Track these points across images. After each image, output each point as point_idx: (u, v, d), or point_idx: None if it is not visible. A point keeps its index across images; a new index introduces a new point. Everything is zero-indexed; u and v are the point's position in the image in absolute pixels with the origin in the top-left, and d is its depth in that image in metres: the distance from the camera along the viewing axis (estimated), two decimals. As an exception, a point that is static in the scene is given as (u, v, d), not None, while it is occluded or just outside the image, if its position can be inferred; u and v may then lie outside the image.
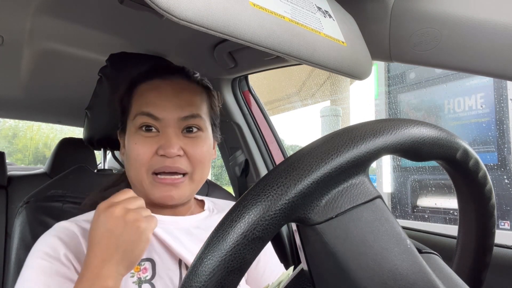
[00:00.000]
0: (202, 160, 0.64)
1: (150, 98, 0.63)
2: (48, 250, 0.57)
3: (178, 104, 0.62)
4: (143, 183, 0.62)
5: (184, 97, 0.64)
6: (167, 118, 0.61)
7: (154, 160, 0.61)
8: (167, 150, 0.60)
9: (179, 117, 0.62)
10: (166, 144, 0.60)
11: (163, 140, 0.61)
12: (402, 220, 3.12)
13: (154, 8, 0.32)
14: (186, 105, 0.63)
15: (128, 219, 0.50)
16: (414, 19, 0.58)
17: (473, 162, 0.35)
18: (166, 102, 0.62)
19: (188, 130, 0.63)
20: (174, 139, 0.61)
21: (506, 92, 2.60)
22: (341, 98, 4.89)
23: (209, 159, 0.67)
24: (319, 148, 0.29)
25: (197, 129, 0.64)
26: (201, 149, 0.64)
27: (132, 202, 0.53)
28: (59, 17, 0.90)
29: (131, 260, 0.50)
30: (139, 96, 0.65)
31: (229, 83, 1.33)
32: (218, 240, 0.26)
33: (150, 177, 0.62)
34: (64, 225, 0.62)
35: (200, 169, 0.64)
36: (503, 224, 2.54)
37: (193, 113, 0.63)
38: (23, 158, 8.31)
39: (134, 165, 0.62)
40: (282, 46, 0.43)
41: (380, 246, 0.28)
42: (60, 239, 0.59)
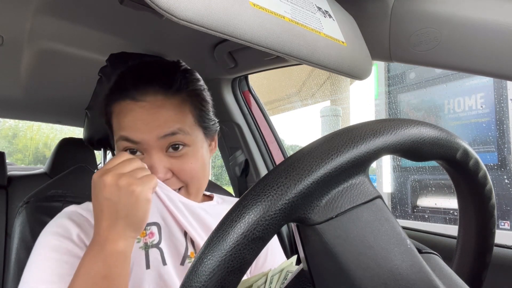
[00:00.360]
0: (194, 175, 0.62)
1: (125, 122, 0.59)
2: (60, 230, 0.58)
3: (155, 125, 0.58)
4: None
5: (161, 116, 0.59)
6: (146, 140, 0.58)
7: None
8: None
9: (158, 136, 0.58)
10: (152, 170, 0.57)
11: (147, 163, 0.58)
12: (402, 220, 3.12)
13: (154, 8, 0.32)
14: (163, 124, 0.58)
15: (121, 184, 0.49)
16: (414, 19, 0.58)
17: (473, 162, 0.35)
18: (141, 126, 0.58)
19: (174, 148, 0.60)
20: (158, 163, 0.58)
21: (506, 92, 2.60)
22: (341, 98, 4.89)
23: (204, 169, 0.64)
24: (319, 148, 0.29)
25: (182, 145, 0.60)
26: (190, 166, 0.61)
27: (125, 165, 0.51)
28: (59, 17, 0.90)
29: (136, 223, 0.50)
30: (116, 117, 0.62)
31: (229, 83, 1.33)
32: (218, 240, 0.26)
33: None
34: (74, 209, 0.63)
35: (195, 182, 0.62)
36: (503, 224, 2.54)
37: (173, 131, 0.58)
38: (23, 158, 8.31)
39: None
40: (282, 46, 0.43)
41: (380, 246, 0.28)
42: (72, 220, 0.60)
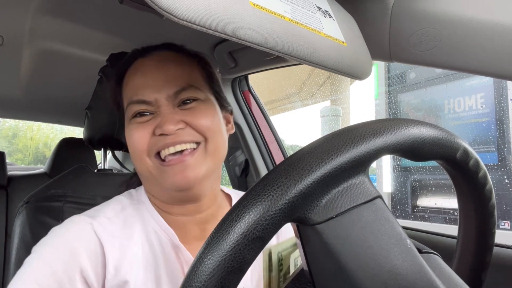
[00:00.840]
0: (211, 127, 0.57)
1: (136, 82, 0.57)
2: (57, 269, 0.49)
3: (165, 79, 0.56)
4: (152, 171, 0.55)
5: (171, 70, 0.57)
6: (156, 99, 0.55)
7: (153, 141, 0.55)
8: (164, 127, 0.53)
9: (169, 94, 0.55)
10: (162, 120, 0.54)
11: (158, 119, 0.55)
12: (402, 220, 3.12)
13: (154, 8, 0.32)
14: (173, 79, 0.56)
15: None
16: (414, 19, 0.58)
17: (473, 162, 0.35)
18: (152, 81, 0.56)
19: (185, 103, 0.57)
20: (168, 115, 0.54)
21: (506, 92, 2.60)
22: (341, 98, 4.89)
23: (220, 128, 0.59)
24: (319, 148, 0.29)
25: (194, 99, 0.57)
26: (206, 118, 0.56)
27: None
28: (59, 17, 0.90)
29: None
30: (127, 85, 0.59)
31: (229, 83, 1.33)
32: (218, 240, 0.26)
33: (156, 162, 0.55)
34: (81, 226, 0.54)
35: (212, 136, 0.57)
36: (503, 224, 2.54)
37: (183, 86, 0.56)
38: (23, 158, 8.31)
39: (135, 154, 0.56)
40: (282, 46, 0.43)
41: (380, 246, 0.28)
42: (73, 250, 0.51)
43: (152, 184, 0.59)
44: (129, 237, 0.55)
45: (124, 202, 0.60)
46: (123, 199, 0.61)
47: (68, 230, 0.53)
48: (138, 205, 0.60)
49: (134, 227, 0.56)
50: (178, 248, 0.56)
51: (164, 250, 0.56)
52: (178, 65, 0.59)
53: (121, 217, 0.57)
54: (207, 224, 0.61)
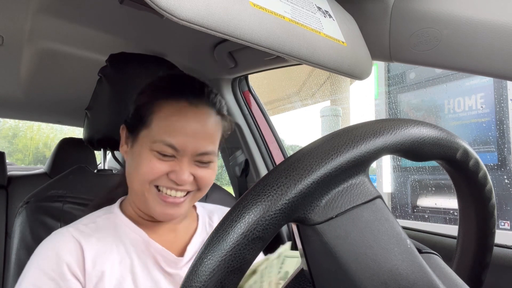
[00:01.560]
0: (209, 184, 0.67)
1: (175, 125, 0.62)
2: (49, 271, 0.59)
3: (199, 138, 0.63)
4: (146, 195, 0.63)
5: (206, 130, 0.64)
6: (185, 150, 0.62)
7: (163, 180, 0.62)
8: (180, 178, 0.61)
9: (196, 152, 0.62)
10: (180, 172, 0.61)
11: (177, 166, 0.62)
12: (402, 220, 3.12)
13: (154, 8, 0.32)
14: (205, 140, 0.63)
15: None
16: (414, 19, 0.59)
17: (473, 162, 0.35)
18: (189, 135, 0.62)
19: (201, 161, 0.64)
20: (185, 168, 0.62)
21: (506, 92, 2.60)
22: (341, 98, 4.89)
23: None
24: (319, 148, 0.29)
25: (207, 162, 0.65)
26: (209, 176, 0.66)
27: None
28: (59, 17, 0.90)
29: None
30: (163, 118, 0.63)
31: (229, 83, 1.33)
32: (218, 240, 0.26)
33: (153, 190, 0.62)
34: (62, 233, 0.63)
35: (204, 190, 0.67)
36: (503, 224, 2.54)
37: (208, 151, 0.64)
38: (23, 158, 8.31)
39: (141, 179, 0.62)
40: (282, 46, 0.43)
41: (380, 246, 0.28)
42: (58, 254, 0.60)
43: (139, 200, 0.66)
44: (104, 237, 0.64)
45: (98, 213, 0.69)
46: (97, 212, 0.70)
47: (51, 239, 0.62)
48: (110, 215, 0.69)
49: (108, 230, 0.65)
50: (148, 243, 0.65)
51: (135, 246, 0.64)
52: (212, 126, 0.65)
53: (96, 222, 0.66)
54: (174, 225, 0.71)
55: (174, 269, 0.64)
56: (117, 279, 0.60)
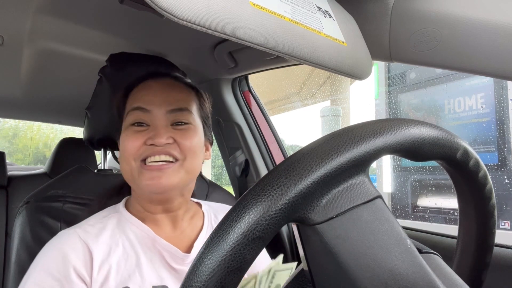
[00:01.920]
0: (193, 149, 0.65)
1: (140, 95, 0.66)
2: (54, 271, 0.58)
3: (166, 99, 0.65)
4: (132, 173, 0.63)
5: (173, 93, 0.67)
6: (155, 111, 0.64)
7: (143, 149, 0.62)
8: (156, 139, 0.61)
9: (167, 110, 0.64)
10: (155, 133, 0.62)
11: (152, 132, 0.63)
12: (402, 220, 3.11)
13: (154, 8, 0.32)
14: (174, 100, 0.66)
15: None
16: (414, 19, 0.58)
17: (474, 162, 0.35)
18: (154, 97, 0.65)
19: (178, 124, 0.65)
20: (163, 129, 0.63)
21: (506, 92, 2.60)
22: (341, 98, 4.89)
23: (200, 152, 0.68)
24: (319, 148, 0.29)
25: (186, 123, 0.66)
26: (191, 141, 0.65)
27: None
28: (59, 17, 0.90)
29: None
30: (132, 96, 0.68)
31: (229, 83, 1.33)
32: (218, 240, 0.26)
33: (138, 164, 0.63)
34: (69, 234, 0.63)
35: (191, 157, 0.65)
36: (503, 224, 2.54)
37: (181, 107, 0.65)
38: (23, 158, 8.31)
39: (124, 156, 0.64)
40: (282, 46, 0.43)
41: (380, 246, 0.28)
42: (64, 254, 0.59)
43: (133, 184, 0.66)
44: (110, 236, 0.64)
45: (104, 213, 0.69)
46: (102, 212, 0.70)
47: (58, 240, 0.62)
48: (116, 213, 0.69)
49: (114, 229, 0.65)
50: (154, 239, 0.65)
51: (141, 243, 0.64)
52: (180, 91, 0.69)
53: (103, 222, 0.66)
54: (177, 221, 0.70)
55: (181, 265, 0.64)
56: (122, 275, 0.60)
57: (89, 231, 0.63)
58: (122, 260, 0.61)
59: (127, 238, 0.64)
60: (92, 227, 0.64)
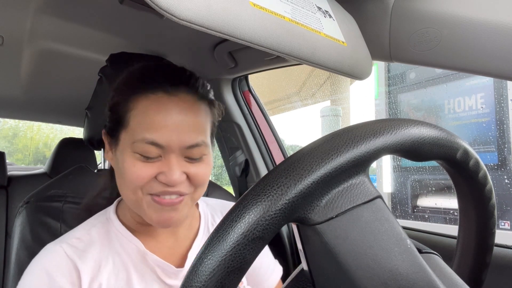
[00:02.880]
0: (205, 181, 0.60)
1: (154, 120, 0.55)
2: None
3: (185, 130, 0.56)
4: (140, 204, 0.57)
5: (191, 120, 0.57)
6: (170, 146, 0.55)
7: (153, 184, 0.56)
8: (170, 178, 0.54)
9: (184, 146, 0.56)
10: (169, 172, 0.54)
11: (165, 167, 0.55)
12: (402, 220, 3.12)
13: (154, 8, 0.32)
14: (192, 131, 0.56)
15: None
16: (414, 19, 0.58)
17: (473, 162, 0.35)
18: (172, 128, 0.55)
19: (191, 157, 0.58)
20: (176, 166, 0.55)
21: (506, 92, 2.60)
22: (341, 98, 4.89)
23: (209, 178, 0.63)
24: (319, 148, 0.29)
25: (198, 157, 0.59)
26: (204, 172, 0.59)
27: None
28: (59, 17, 0.90)
29: None
30: (140, 112, 0.56)
31: (229, 83, 1.33)
32: (218, 240, 0.26)
33: (148, 197, 0.56)
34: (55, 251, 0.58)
35: (202, 189, 0.61)
36: (503, 224, 2.54)
37: (197, 142, 0.57)
38: (23, 158, 8.31)
39: (130, 186, 0.57)
40: (282, 46, 0.43)
41: (380, 246, 0.28)
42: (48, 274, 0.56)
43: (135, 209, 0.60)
44: (99, 252, 0.59)
45: (93, 222, 0.64)
46: (91, 220, 0.65)
47: (43, 257, 0.58)
48: (106, 223, 0.64)
49: (103, 241, 0.61)
50: (145, 254, 0.60)
51: (131, 257, 0.60)
52: (198, 114, 0.58)
53: (91, 233, 0.61)
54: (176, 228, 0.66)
55: (175, 280, 0.60)
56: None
57: (76, 246, 0.58)
58: (112, 276, 0.58)
59: (116, 252, 0.60)
60: (79, 240, 0.59)
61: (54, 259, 0.57)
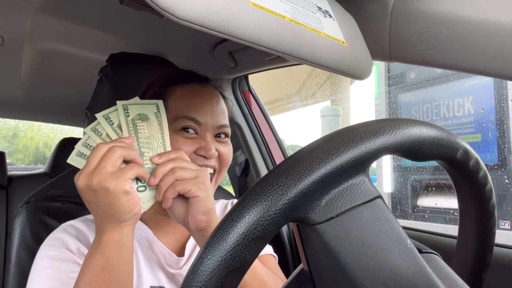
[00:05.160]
0: (229, 161, 0.70)
1: (193, 103, 0.66)
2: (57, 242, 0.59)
3: (216, 113, 0.67)
4: None
5: (219, 106, 0.69)
6: (207, 124, 0.66)
7: (193, 158, 0.64)
8: (209, 152, 0.63)
9: (216, 125, 0.67)
10: (207, 146, 0.64)
11: (203, 142, 0.64)
12: (402, 220, 3.12)
13: (155, 8, 0.32)
14: (221, 114, 0.69)
15: (93, 185, 0.48)
16: (414, 19, 0.58)
17: (474, 162, 0.35)
18: (207, 109, 0.66)
19: (218, 136, 0.69)
20: (211, 143, 0.65)
21: (506, 92, 2.60)
22: (341, 98, 4.89)
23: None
24: (320, 148, 0.29)
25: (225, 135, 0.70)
26: (228, 152, 0.69)
27: (92, 162, 0.50)
28: (59, 17, 0.90)
29: (123, 215, 0.50)
30: (179, 99, 0.67)
31: (229, 83, 1.33)
32: (218, 240, 0.26)
33: None
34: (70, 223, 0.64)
35: (225, 168, 0.69)
36: (503, 224, 2.54)
37: (226, 123, 0.69)
38: (23, 158, 8.31)
39: None
40: (283, 46, 0.43)
41: (380, 246, 0.28)
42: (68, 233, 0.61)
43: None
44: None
45: None
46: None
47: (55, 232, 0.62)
48: None
49: None
50: (152, 241, 0.65)
51: (140, 243, 0.65)
52: (221, 102, 0.71)
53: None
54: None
55: (175, 269, 0.65)
56: None
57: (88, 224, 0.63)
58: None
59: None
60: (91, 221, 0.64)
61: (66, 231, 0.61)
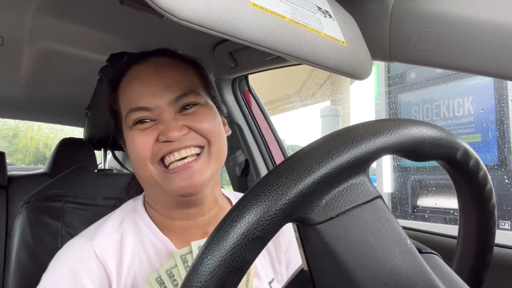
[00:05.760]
0: (214, 129, 0.57)
1: (134, 89, 0.57)
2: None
3: (165, 85, 0.56)
4: (156, 178, 0.55)
5: (169, 76, 0.57)
6: (157, 105, 0.55)
7: (157, 148, 0.54)
8: (169, 134, 0.53)
9: (170, 99, 0.55)
10: (165, 127, 0.54)
11: (161, 126, 0.55)
12: (402, 220, 3.12)
13: (155, 8, 0.32)
14: (173, 84, 0.56)
15: None
16: (414, 19, 0.58)
17: (474, 162, 0.35)
18: (150, 88, 0.56)
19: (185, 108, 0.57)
20: (173, 120, 0.55)
21: (506, 92, 2.60)
22: (341, 98, 4.89)
23: (221, 132, 0.60)
24: (320, 148, 0.29)
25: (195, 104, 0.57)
26: (208, 122, 0.57)
27: None
28: (59, 17, 0.90)
29: None
30: (124, 92, 0.59)
31: (229, 83, 1.33)
32: (218, 240, 0.26)
33: (160, 169, 0.55)
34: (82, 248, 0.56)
35: (215, 139, 0.57)
36: (503, 224, 2.54)
37: (184, 91, 0.56)
38: (24, 158, 8.31)
39: (138, 161, 0.56)
40: (282, 46, 0.43)
41: (381, 246, 0.28)
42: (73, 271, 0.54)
43: (154, 190, 0.59)
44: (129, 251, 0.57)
45: (121, 216, 0.62)
46: (120, 213, 0.62)
47: (70, 255, 0.55)
48: (134, 215, 0.61)
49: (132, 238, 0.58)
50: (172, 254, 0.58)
51: (159, 258, 0.57)
52: (176, 70, 0.59)
53: (120, 231, 0.59)
54: (209, 227, 0.62)
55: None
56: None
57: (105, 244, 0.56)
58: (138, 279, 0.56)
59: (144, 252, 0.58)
60: (108, 238, 0.57)
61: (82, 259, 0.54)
